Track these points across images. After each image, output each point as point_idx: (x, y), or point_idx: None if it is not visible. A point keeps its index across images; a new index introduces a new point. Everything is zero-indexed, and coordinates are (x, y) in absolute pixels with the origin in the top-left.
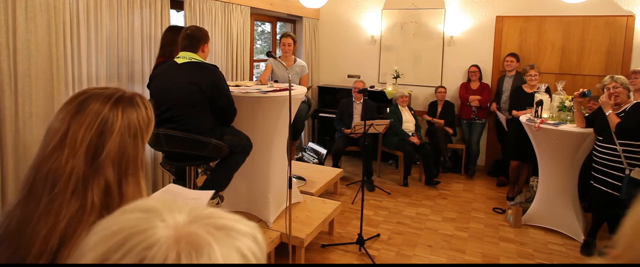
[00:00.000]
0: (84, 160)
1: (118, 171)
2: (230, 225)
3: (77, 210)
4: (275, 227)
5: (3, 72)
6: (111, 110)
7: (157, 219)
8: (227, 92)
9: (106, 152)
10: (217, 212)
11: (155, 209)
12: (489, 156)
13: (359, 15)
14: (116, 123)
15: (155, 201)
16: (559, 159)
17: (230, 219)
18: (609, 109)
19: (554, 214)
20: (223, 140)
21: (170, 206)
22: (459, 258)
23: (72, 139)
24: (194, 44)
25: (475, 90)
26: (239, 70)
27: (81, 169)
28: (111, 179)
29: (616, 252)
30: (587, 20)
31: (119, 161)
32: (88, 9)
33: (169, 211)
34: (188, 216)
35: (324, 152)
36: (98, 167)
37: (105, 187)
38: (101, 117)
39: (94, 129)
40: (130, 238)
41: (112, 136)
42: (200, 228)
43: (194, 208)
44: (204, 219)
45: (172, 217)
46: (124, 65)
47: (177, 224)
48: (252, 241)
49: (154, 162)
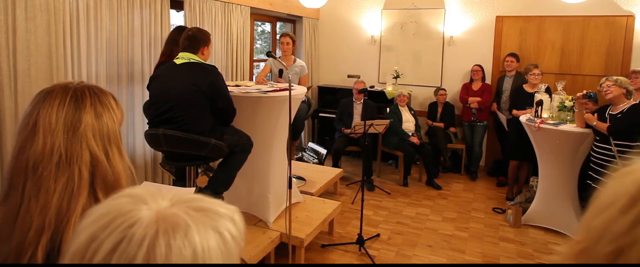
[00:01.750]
0: (63, 134)
1: (101, 141)
2: (208, 207)
3: (65, 183)
4: (275, 227)
5: (3, 72)
6: (77, 91)
7: (141, 203)
8: (226, 92)
9: (84, 123)
10: (199, 197)
11: (141, 195)
12: (489, 156)
13: (359, 15)
14: (86, 100)
15: (144, 189)
16: (559, 159)
17: (209, 202)
18: (593, 121)
19: (554, 214)
20: (223, 140)
21: (155, 193)
22: (459, 258)
23: (46, 122)
24: (194, 45)
25: (477, 92)
26: (239, 70)
27: (61, 143)
28: (96, 148)
29: (578, 237)
30: (587, 20)
31: (100, 132)
32: (88, 9)
33: (153, 197)
34: (170, 201)
35: (324, 152)
36: (79, 139)
37: (92, 159)
38: (69, 96)
39: (66, 106)
40: (116, 219)
41: (86, 109)
42: (180, 210)
43: (176, 194)
44: (185, 203)
45: (155, 202)
46: (124, 66)
47: (159, 207)
48: (230, 221)
49: (154, 162)
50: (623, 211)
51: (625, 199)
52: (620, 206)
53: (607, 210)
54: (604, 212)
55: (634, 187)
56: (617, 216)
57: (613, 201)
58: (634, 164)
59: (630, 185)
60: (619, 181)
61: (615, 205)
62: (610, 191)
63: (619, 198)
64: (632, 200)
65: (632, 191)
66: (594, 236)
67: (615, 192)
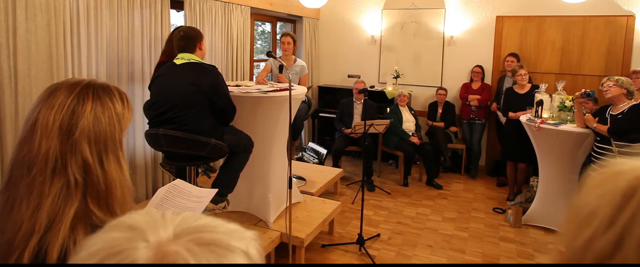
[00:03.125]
0: (58, 139)
1: (96, 148)
2: (218, 240)
3: (60, 188)
4: (275, 227)
5: (3, 72)
6: (81, 92)
7: (139, 239)
8: (226, 92)
9: (80, 129)
10: (210, 224)
11: (141, 228)
12: (489, 156)
13: (359, 15)
14: (87, 103)
15: (144, 216)
16: (559, 159)
17: (221, 233)
18: (592, 123)
19: (554, 214)
20: (223, 140)
21: (156, 222)
22: (459, 258)
23: (44, 122)
24: (190, 44)
25: (476, 90)
26: (239, 70)
27: (57, 147)
28: (88, 156)
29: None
30: (587, 20)
31: (95, 138)
32: (88, 9)
33: (153, 229)
34: (174, 231)
35: (324, 152)
36: (73, 144)
37: (84, 165)
38: (71, 98)
39: (64, 109)
40: (110, 258)
41: (84, 114)
42: (182, 246)
43: (184, 220)
44: (190, 234)
45: (156, 235)
46: (124, 65)
47: (159, 243)
48: (243, 257)
49: (154, 162)
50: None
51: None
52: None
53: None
54: (584, 228)
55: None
56: (599, 233)
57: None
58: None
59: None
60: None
61: (595, 220)
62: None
63: (598, 212)
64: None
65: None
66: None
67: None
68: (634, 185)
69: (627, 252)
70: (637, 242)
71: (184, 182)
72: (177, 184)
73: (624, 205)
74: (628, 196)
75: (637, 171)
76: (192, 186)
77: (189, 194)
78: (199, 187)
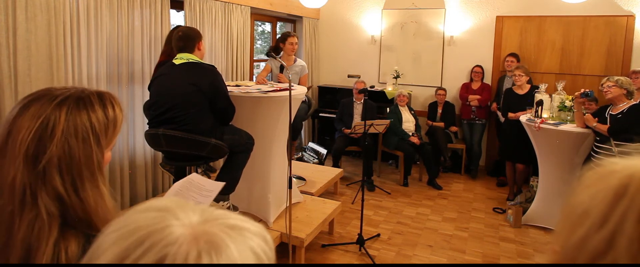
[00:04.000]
0: (23, 167)
1: (69, 178)
2: (242, 225)
3: (32, 220)
4: (275, 227)
5: (3, 72)
6: (53, 111)
7: (172, 218)
8: (225, 92)
9: (48, 158)
10: (226, 213)
11: (169, 208)
12: (489, 156)
13: (359, 15)
14: (58, 126)
15: (168, 200)
16: (559, 159)
17: (240, 220)
18: (592, 123)
19: (554, 214)
20: (223, 139)
21: (182, 205)
22: (459, 258)
23: (12, 145)
24: (189, 44)
25: (476, 91)
26: (239, 70)
27: (24, 176)
28: (59, 186)
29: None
30: (587, 20)
31: (67, 167)
32: (88, 9)
33: (183, 210)
34: (201, 216)
35: (324, 152)
36: (41, 174)
37: (56, 196)
38: (41, 120)
39: (32, 133)
40: (150, 236)
41: (53, 141)
42: (215, 227)
43: (204, 209)
44: (217, 219)
45: (186, 217)
46: (124, 65)
47: (191, 223)
48: (263, 240)
49: (154, 162)
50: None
51: (598, 214)
52: (594, 221)
53: (580, 224)
54: (578, 227)
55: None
56: (592, 231)
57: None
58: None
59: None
60: (591, 190)
61: (588, 219)
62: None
63: (591, 211)
64: (604, 215)
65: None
66: (569, 254)
67: (588, 202)
68: (625, 183)
69: (619, 251)
70: (628, 240)
71: (199, 176)
72: (193, 178)
73: (615, 203)
74: (619, 195)
75: (628, 170)
76: (207, 180)
77: (202, 187)
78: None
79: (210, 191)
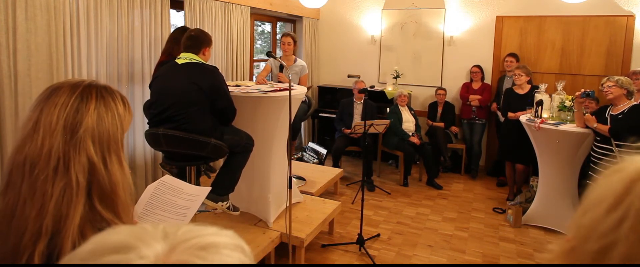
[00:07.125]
0: (61, 137)
1: (100, 147)
2: (214, 241)
3: (62, 189)
4: (275, 227)
5: (3, 72)
6: (84, 91)
7: (135, 257)
8: (226, 92)
9: (84, 127)
10: (192, 229)
11: (128, 244)
12: (489, 156)
13: (359, 15)
14: (91, 102)
15: (122, 233)
16: (559, 159)
17: (211, 234)
18: (593, 123)
19: (554, 214)
20: (223, 139)
21: (141, 235)
22: (459, 258)
23: (47, 121)
24: (196, 45)
25: (477, 91)
26: (239, 70)
27: (60, 146)
28: (93, 154)
29: (569, 235)
30: (587, 20)
31: (99, 138)
32: (88, 9)
33: (143, 241)
34: (166, 242)
35: (324, 152)
36: (78, 143)
37: (89, 165)
38: (75, 97)
39: (68, 107)
40: None
41: (88, 113)
42: (185, 254)
43: (167, 232)
44: (185, 242)
45: (150, 250)
46: (124, 65)
47: (158, 256)
48: (241, 252)
49: (154, 162)
50: (609, 210)
51: (612, 198)
52: (607, 205)
53: (594, 208)
54: (591, 211)
55: (620, 186)
56: (603, 215)
57: (601, 199)
58: (625, 162)
59: (617, 184)
60: (608, 179)
61: (602, 204)
62: (599, 189)
63: (606, 197)
64: (617, 199)
65: (618, 190)
66: (582, 235)
67: (603, 191)
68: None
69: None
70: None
71: (173, 178)
72: (166, 180)
73: (630, 189)
74: (635, 180)
75: None
76: (183, 183)
77: (180, 190)
78: (190, 184)
79: (193, 196)
